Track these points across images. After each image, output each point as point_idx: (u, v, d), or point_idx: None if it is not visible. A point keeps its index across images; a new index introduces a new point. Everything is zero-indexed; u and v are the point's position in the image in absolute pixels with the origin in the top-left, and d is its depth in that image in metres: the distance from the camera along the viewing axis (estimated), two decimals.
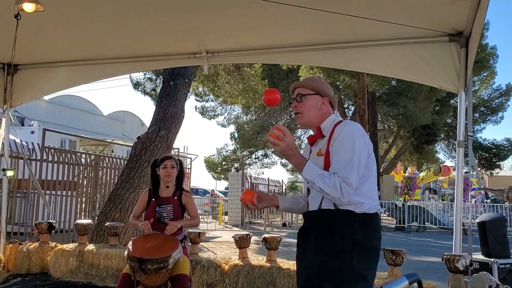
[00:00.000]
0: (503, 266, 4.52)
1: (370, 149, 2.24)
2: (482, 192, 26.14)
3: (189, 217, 4.00)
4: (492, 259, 4.52)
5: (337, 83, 20.35)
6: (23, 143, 9.62)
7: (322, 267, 2.13)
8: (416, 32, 4.23)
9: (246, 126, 24.69)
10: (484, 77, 22.49)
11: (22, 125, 18.15)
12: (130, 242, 3.45)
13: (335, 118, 2.39)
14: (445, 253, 3.98)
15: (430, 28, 4.15)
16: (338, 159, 2.15)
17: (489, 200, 23.22)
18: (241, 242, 5.34)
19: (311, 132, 2.44)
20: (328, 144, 2.24)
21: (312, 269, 2.19)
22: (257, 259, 5.38)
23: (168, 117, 7.54)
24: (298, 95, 2.41)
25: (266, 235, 5.30)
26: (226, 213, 20.24)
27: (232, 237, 5.48)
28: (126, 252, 3.33)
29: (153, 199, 3.81)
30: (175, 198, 3.82)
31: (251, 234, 5.48)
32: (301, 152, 2.27)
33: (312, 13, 4.03)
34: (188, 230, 5.40)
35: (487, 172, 26.89)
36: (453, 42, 4.24)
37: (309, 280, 2.21)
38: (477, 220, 4.89)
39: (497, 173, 28.38)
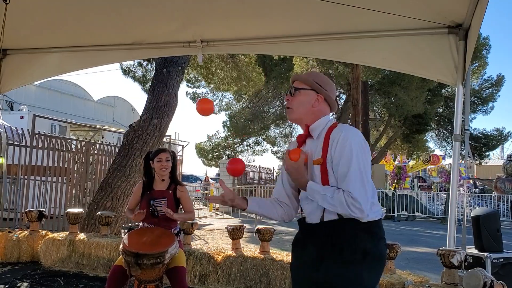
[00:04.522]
0: (496, 260, 4.53)
1: (369, 155, 2.13)
2: (471, 181, 26.41)
3: (183, 211, 3.94)
4: (486, 254, 4.53)
5: (330, 72, 20.25)
6: (12, 128, 9.51)
7: (328, 280, 1.98)
8: (415, 23, 4.18)
9: (238, 114, 24.51)
10: (476, 68, 22.47)
11: (12, 109, 17.86)
12: (126, 236, 3.39)
13: (329, 120, 2.23)
14: (440, 248, 3.97)
15: (429, 19, 4.09)
16: (342, 172, 2.01)
17: (477, 189, 23.48)
18: (234, 233, 5.31)
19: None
20: (324, 151, 2.09)
21: (314, 282, 2.03)
22: (250, 250, 5.36)
23: (161, 105, 7.42)
24: (292, 88, 2.26)
25: (260, 226, 5.26)
26: None
27: (226, 228, 5.44)
28: (121, 246, 3.27)
29: (148, 192, 3.75)
30: (170, 191, 3.74)
31: (244, 225, 5.45)
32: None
33: (310, 3, 3.96)
34: None
35: (476, 162, 27.12)
36: (452, 34, 4.19)
37: None
38: (471, 215, 4.90)
39: (486, 163, 28.65)
